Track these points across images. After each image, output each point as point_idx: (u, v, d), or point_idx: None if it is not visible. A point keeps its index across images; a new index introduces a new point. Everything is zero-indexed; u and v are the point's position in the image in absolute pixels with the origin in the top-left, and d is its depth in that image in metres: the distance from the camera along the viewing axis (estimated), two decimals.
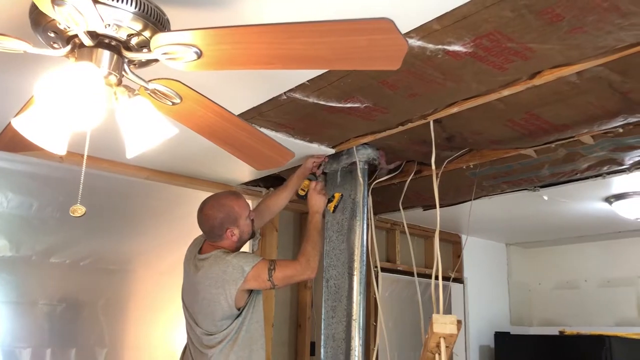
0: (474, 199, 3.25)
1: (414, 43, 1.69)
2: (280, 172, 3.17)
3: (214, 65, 1.33)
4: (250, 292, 2.25)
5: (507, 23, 1.57)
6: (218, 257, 2.24)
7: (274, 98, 2.15)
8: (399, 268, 4.23)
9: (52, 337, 2.80)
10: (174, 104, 1.54)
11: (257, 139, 1.86)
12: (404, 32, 1.61)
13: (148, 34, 1.29)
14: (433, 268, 2.40)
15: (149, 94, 1.49)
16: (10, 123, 1.58)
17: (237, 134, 1.79)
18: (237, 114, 1.72)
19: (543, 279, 5.32)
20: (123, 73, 1.37)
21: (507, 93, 2.01)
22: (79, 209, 1.37)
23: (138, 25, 1.28)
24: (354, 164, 2.76)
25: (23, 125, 1.31)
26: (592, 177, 2.92)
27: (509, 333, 4.78)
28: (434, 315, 2.20)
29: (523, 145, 2.60)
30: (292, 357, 3.71)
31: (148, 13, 1.27)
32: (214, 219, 2.29)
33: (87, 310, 2.93)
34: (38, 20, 1.27)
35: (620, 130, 2.36)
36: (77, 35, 1.27)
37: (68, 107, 1.23)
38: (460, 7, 1.51)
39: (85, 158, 1.51)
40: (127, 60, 1.36)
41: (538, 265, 5.37)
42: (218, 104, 1.60)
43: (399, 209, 2.99)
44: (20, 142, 1.61)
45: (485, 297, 4.94)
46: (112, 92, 1.38)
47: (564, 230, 4.55)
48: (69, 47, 1.32)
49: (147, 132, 1.42)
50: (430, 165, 2.48)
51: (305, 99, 2.12)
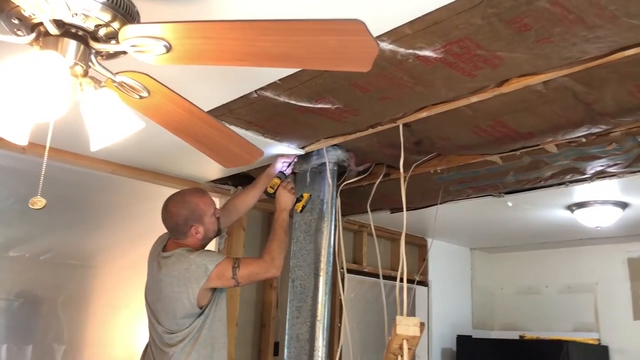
0: (440, 203, 3.29)
1: (386, 46, 1.70)
2: (249, 170, 3.16)
3: (184, 60, 1.31)
4: (214, 290, 2.23)
5: (477, 30, 1.60)
6: (181, 255, 2.21)
7: (245, 96, 2.13)
8: (365, 270, 4.25)
9: (8, 333, 2.72)
10: (142, 98, 1.51)
11: (226, 137, 1.84)
12: (376, 35, 1.61)
13: (117, 26, 1.27)
14: (399, 270, 2.42)
15: (116, 87, 1.46)
16: None
17: (205, 131, 1.77)
18: (206, 111, 1.70)
19: (505, 284, 5.42)
20: (89, 64, 1.34)
21: (475, 100, 2.05)
22: (39, 201, 1.33)
23: (106, 16, 1.25)
24: (324, 165, 2.76)
25: None
26: (555, 185, 3.00)
27: (471, 337, 4.85)
28: (398, 317, 2.21)
29: (489, 152, 2.65)
30: (255, 357, 3.69)
31: (117, 4, 1.24)
32: (178, 216, 2.26)
33: (46, 306, 2.86)
34: (1, 6, 1.23)
35: (584, 140, 2.42)
36: (42, 24, 1.24)
37: (31, 96, 1.19)
38: (432, 12, 1.53)
39: (48, 150, 1.47)
40: (94, 51, 1.33)
41: (501, 270, 5.46)
42: (187, 100, 1.57)
43: (367, 211, 3.00)
44: None
45: (449, 300, 5.00)
46: (77, 83, 1.35)
47: (527, 237, 4.65)
48: (34, 35, 1.28)
49: (113, 125, 1.39)
50: (399, 169, 2.50)
51: (276, 98, 2.12)
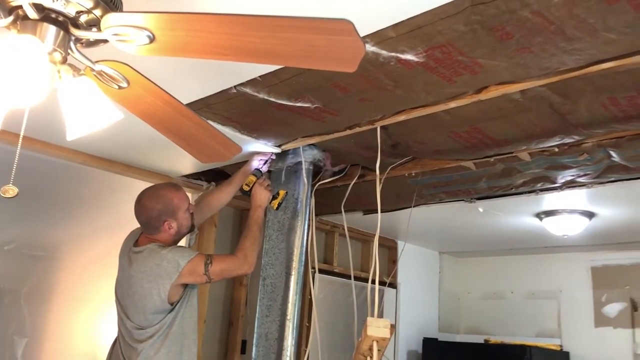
0: (414, 207, 3.32)
1: (369, 48, 1.70)
2: (223, 167, 3.13)
3: (167, 52, 1.29)
4: (185, 287, 2.20)
5: (459, 36, 1.61)
6: (153, 250, 2.17)
7: (224, 91, 2.11)
8: (336, 270, 4.26)
9: None
10: (121, 88, 1.48)
11: (204, 131, 1.82)
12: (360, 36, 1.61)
13: (99, 13, 1.23)
14: (370, 272, 2.43)
15: (95, 76, 1.43)
16: None
17: (184, 124, 1.74)
18: (183, 104, 1.68)
19: (472, 289, 5.49)
20: (69, 51, 1.31)
21: (453, 105, 2.07)
22: (11, 190, 1.29)
23: (89, 3, 1.22)
24: (300, 164, 2.75)
25: None
26: (526, 192, 3.05)
27: (437, 339, 4.91)
28: (369, 319, 2.21)
29: (464, 157, 2.68)
30: (222, 354, 3.66)
31: None
32: (151, 210, 2.23)
33: (8, 298, 2.78)
34: None
35: (556, 150, 2.48)
36: (21, 7, 1.20)
37: (6, 81, 1.16)
38: (416, 16, 1.54)
39: (22, 137, 1.43)
40: (74, 38, 1.30)
41: (468, 275, 5.54)
42: (167, 92, 1.55)
43: (341, 212, 3.00)
44: None
45: (416, 303, 5.04)
46: (55, 69, 1.31)
47: (495, 242, 4.72)
48: (12, 18, 1.24)
49: (90, 115, 1.36)
50: (374, 170, 2.51)
51: (256, 95, 2.10)
